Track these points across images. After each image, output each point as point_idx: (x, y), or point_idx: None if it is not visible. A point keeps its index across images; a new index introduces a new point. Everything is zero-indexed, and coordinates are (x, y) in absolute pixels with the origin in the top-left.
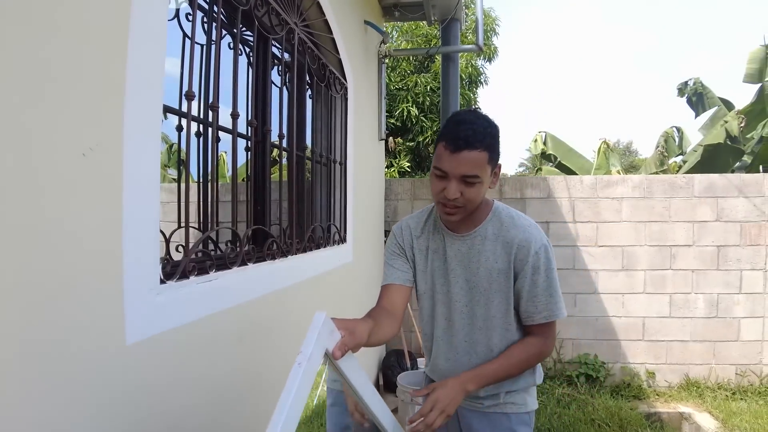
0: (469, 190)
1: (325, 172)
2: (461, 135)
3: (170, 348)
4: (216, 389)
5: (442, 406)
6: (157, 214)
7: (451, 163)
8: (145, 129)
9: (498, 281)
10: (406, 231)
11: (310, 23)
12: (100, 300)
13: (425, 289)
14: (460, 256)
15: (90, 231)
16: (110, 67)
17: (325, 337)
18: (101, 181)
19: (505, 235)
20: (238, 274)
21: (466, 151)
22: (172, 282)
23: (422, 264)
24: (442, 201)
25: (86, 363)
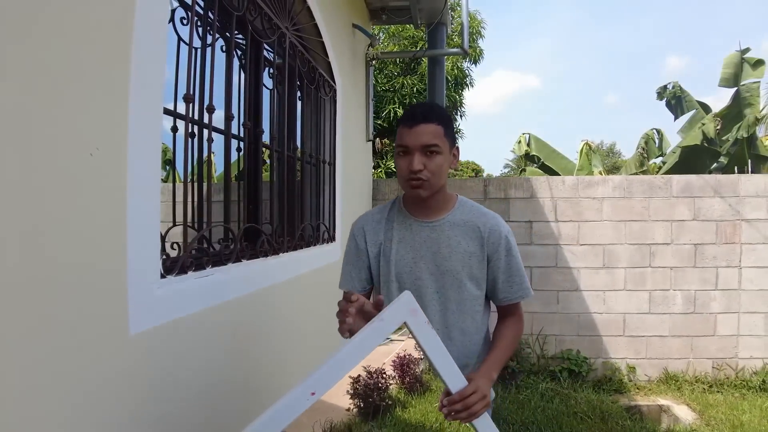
0: (431, 161)
1: (314, 173)
2: (417, 112)
3: (170, 339)
4: (213, 378)
5: (487, 398)
6: (158, 212)
7: (410, 136)
8: (147, 130)
9: (470, 265)
10: (367, 228)
11: (301, 27)
12: (105, 292)
13: (391, 279)
14: (430, 243)
15: (96, 227)
16: (114, 70)
17: (404, 312)
18: (107, 180)
19: (475, 221)
20: (233, 270)
21: (422, 124)
22: (172, 276)
23: (387, 255)
24: (409, 177)
25: (92, 351)
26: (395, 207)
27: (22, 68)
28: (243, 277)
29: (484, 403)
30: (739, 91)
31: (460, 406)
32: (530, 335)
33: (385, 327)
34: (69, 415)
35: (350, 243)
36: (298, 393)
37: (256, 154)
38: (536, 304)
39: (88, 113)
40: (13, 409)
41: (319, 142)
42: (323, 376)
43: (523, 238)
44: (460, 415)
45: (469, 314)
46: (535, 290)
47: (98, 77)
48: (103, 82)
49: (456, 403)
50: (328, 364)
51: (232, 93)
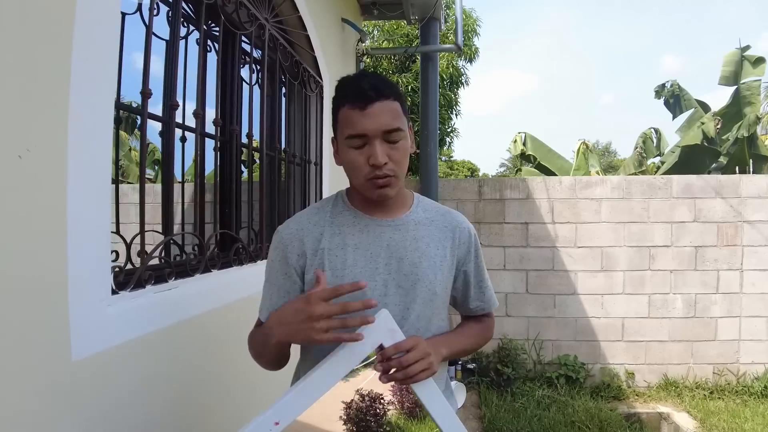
0: (395, 150)
1: (300, 173)
2: (367, 86)
3: (124, 363)
4: (178, 403)
5: (431, 361)
6: (107, 219)
7: (365, 120)
8: (93, 127)
9: (442, 270)
10: (304, 235)
11: (283, 19)
12: (40, 314)
13: (342, 299)
14: (395, 246)
15: (27, 240)
16: (51, 60)
17: (381, 332)
18: (41, 185)
19: (441, 219)
20: (202, 281)
21: (378, 102)
22: (126, 292)
23: (337, 268)
24: (371, 175)
25: (26, 383)
26: (339, 205)
27: None
28: (213, 289)
29: (425, 364)
30: (739, 90)
31: (395, 362)
32: (526, 340)
33: (359, 350)
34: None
35: (275, 255)
36: (260, 422)
37: (231, 153)
38: (532, 309)
39: (14, 110)
40: None
41: (305, 141)
42: (288, 405)
43: (519, 241)
44: (395, 375)
45: (432, 331)
46: (531, 294)
47: (28, 68)
48: (35, 73)
49: (389, 359)
50: (294, 391)
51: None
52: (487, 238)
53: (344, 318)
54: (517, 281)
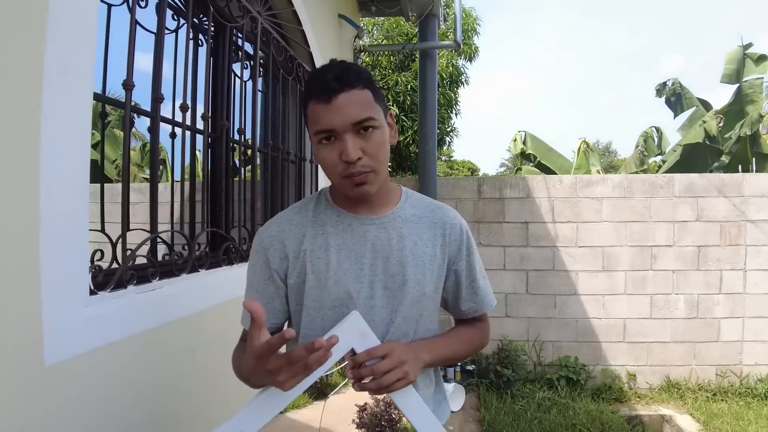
0: (369, 142)
1: (295, 171)
2: (330, 77)
3: (102, 368)
4: (162, 409)
5: (405, 367)
6: (85, 217)
7: (332, 114)
8: (69, 121)
9: (431, 269)
10: (285, 237)
11: (277, 13)
12: (10, 315)
13: (328, 304)
14: (381, 245)
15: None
16: (23, 50)
17: (352, 336)
18: (10, 180)
19: (430, 215)
20: (188, 281)
21: (343, 93)
22: (105, 293)
23: (320, 271)
24: (345, 172)
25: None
26: (321, 203)
27: None
28: (200, 289)
29: (400, 373)
30: (741, 88)
31: (367, 371)
32: (527, 341)
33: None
34: None
35: (256, 259)
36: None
37: (222, 150)
38: (533, 309)
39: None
40: None
41: (301, 138)
42: (252, 413)
43: (519, 240)
44: (368, 385)
45: (421, 333)
46: (531, 294)
47: None
48: (4, 64)
49: (360, 366)
50: (259, 398)
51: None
52: (486, 237)
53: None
54: (517, 281)
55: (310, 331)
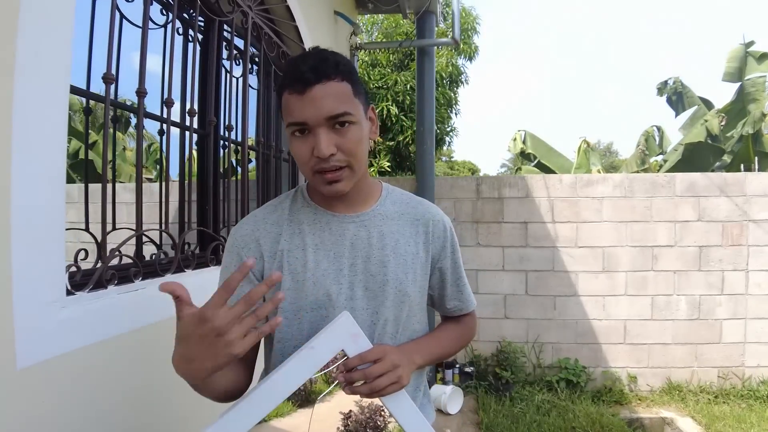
0: (344, 138)
1: (288, 169)
2: (306, 68)
3: (79, 370)
4: (141, 414)
5: (399, 371)
6: (61, 215)
7: (305, 106)
8: (42, 116)
9: (414, 268)
10: (260, 236)
11: (270, 8)
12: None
13: (305, 306)
14: (360, 244)
15: None
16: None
17: (343, 337)
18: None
19: (412, 211)
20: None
21: (318, 85)
22: (83, 293)
23: (297, 272)
24: (318, 167)
25: None
26: (298, 200)
27: None
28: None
29: (394, 377)
30: (744, 86)
31: (359, 374)
32: (526, 343)
33: (317, 356)
34: None
35: (229, 259)
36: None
37: (210, 147)
38: (532, 311)
39: None
40: None
41: None
42: (231, 422)
43: (518, 240)
44: (359, 389)
45: (407, 334)
46: (530, 296)
47: None
48: None
49: (352, 370)
50: (239, 406)
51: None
52: (485, 237)
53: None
54: (516, 282)
55: (287, 335)
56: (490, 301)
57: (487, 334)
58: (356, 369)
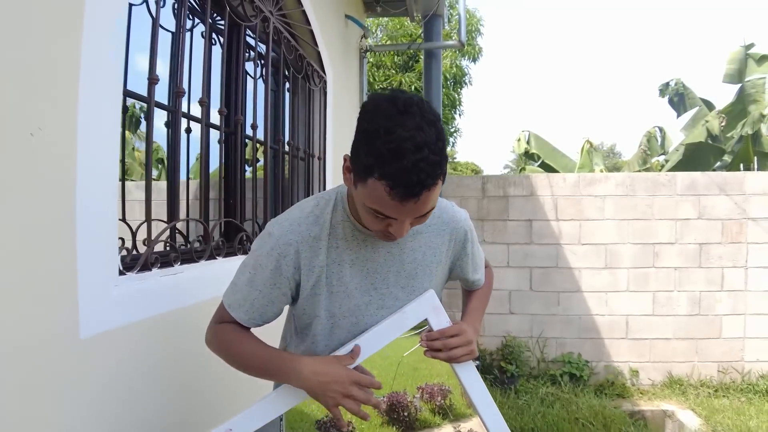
0: (419, 220)
1: (304, 167)
2: (414, 179)
3: (130, 343)
4: (182, 387)
5: (472, 345)
6: (115, 203)
7: (400, 212)
8: (102, 111)
9: (437, 275)
10: (302, 250)
11: (287, 13)
12: (51, 291)
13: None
14: (393, 259)
15: (38, 218)
16: (63, 45)
17: (426, 309)
18: (51, 164)
19: (438, 221)
20: (207, 267)
21: (424, 194)
22: (132, 274)
23: (332, 285)
24: (384, 232)
25: (36, 357)
26: (338, 212)
27: None
28: (217, 276)
29: (468, 350)
30: (744, 88)
31: (439, 344)
32: (530, 338)
33: (406, 320)
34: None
35: (267, 261)
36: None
37: (236, 144)
38: (536, 306)
39: (26, 91)
40: None
41: (309, 135)
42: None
43: (522, 238)
44: (438, 354)
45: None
46: (535, 292)
47: (41, 49)
48: (48, 56)
49: (435, 340)
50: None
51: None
52: (490, 235)
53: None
54: (521, 279)
55: (321, 336)
56: (496, 297)
57: (493, 329)
58: (438, 340)
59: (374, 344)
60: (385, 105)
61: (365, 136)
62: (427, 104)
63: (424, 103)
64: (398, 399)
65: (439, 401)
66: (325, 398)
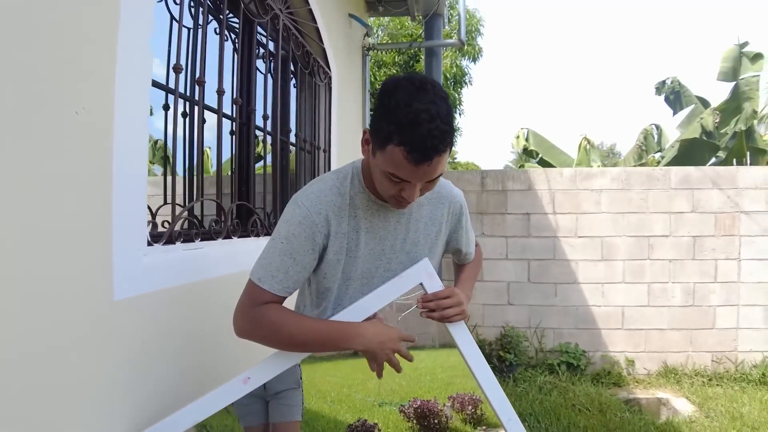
0: (429, 186)
1: (310, 159)
2: (428, 144)
3: (156, 308)
4: (201, 351)
5: (463, 306)
6: (144, 178)
7: (415, 174)
8: (135, 96)
9: (437, 245)
10: (330, 217)
11: (295, 11)
12: (90, 257)
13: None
14: (400, 228)
15: (81, 185)
16: (102, 34)
17: (422, 274)
18: (92, 142)
19: (437, 195)
20: (224, 246)
21: (435, 158)
22: (159, 245)
23: (353, 250)
24: (397, 197)
25: (76, 314)
26: (355, 184)
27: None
28: (233, 254)
29: (459, 310)
30: (738, 85)
31: (433, 304)
32: (528, 328)
33: (404, 284)
34: (60, 368)
35: (299, 230)
36: (233, 382)
37: (248, 134)
38: (534, 297)
39: (74, 71)
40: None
41: (314, 128)
42: (263, 367)
43: (520, 231)
44: (432, 315)
45: None
46: (532, 283)
47: (85, 39)
48: (90, 46)
49: (430, 301)
50: (347, 310)
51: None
52: (489, 228)
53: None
54: (519, 270)
55: (340, 297)
56: (494, 288)
57: (492, 320)
58: (432, 301)
59: (377, 303)
60: (405, 83)
61: (386, 109)
62: (439, 84)
63: (437, 83)
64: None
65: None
66: (381, 353)
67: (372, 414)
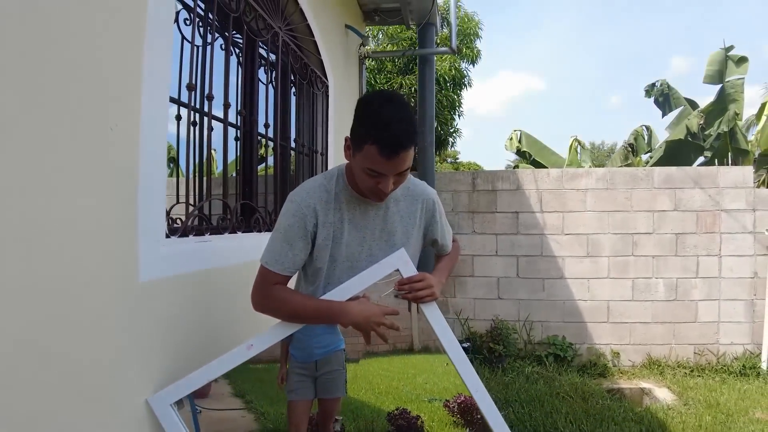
0: (400, 179)
1: (308, 162)
2: (396, 141)
3: (173, 289)
4: (211, 325)
5: (433, 288)
6: (164, 182)
7: (387, 167)
8: (157, 114)
9: (414, 237)
10: (318, 209)
11: (294, 27)
12: (121, 244)
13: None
14: (378, 220)
15: (114, 190)
16: (130, 61)
17: (399, 262)
18: (123, 153)
19: (411, 193)
20: (230, 239)
21: (403, 152)
22: (175, 237)
23: (338, 238)
24: (375, 190)
25: (107, 291)
26: (340, 182)
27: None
28: (238, 247)
29: (429, 292)
30: (724, 88)
31: (407, 287)
32: (517, 321)
33: (383, 269)
34: (89, 342)
35: (293, 221)
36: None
37: (251, 140)
38: (523, 292)
39: (109, 97)
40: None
41: (312, 133)
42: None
43: (509, 228)
44: (407, 296)
45: None
46: (521, 278)
47: (116, 70)
48: (120, 74)
49: (404, 284)
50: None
51: (229, 86)
52: (480, 226)
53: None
54: (509, 266)
55: (329, 276)
56: (485, 283)
57: (482, 313)
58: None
59: (359, 285)
60: (376, 97)
61: (362, 118)
62: (403, 97)
63: (402, 96)
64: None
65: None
66: (367, 326)
67: (419, 408)
